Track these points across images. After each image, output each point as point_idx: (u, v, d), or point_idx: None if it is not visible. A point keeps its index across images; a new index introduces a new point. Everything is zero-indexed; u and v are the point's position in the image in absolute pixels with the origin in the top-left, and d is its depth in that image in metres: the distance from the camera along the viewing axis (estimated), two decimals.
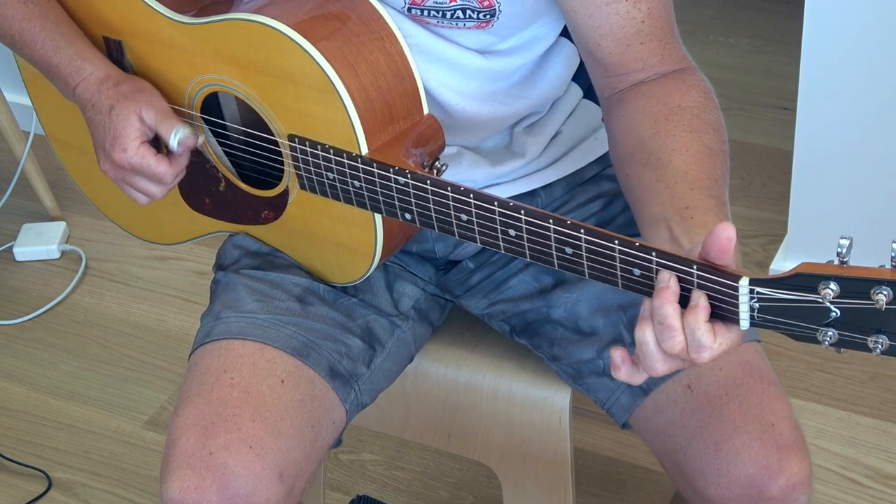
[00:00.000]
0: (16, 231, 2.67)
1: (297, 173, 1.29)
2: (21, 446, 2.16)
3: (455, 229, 1.19)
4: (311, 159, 1.26)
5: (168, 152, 1.34)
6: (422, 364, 1.47)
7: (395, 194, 1.21)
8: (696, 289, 1.02)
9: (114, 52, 1.39)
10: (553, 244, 1.11)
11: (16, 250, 2.62)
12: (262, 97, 1.27)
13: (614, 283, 1.09)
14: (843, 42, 2.03)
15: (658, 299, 1.02)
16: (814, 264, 0.97)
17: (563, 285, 1.38)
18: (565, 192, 1.44)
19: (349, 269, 1.34)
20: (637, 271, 1.06)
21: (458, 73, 1.33)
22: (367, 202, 1.25)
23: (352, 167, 1.23)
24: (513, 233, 1.14)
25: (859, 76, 2.05)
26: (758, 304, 1.00)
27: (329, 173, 1.25)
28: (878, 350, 0.96)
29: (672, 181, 1.15)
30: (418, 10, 1.28)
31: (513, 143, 1.41)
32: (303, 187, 1.30)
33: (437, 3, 1.27)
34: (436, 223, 1.20)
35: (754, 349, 1.28)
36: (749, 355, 1.27)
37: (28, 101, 1.57)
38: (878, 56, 2.02)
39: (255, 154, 1.36)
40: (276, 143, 1.30)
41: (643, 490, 1.97)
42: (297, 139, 1.26)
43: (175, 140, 1.30)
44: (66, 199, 2.76)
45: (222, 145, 1.39)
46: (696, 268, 1.02)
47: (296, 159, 1.28)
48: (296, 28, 1.21)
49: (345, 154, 1.23)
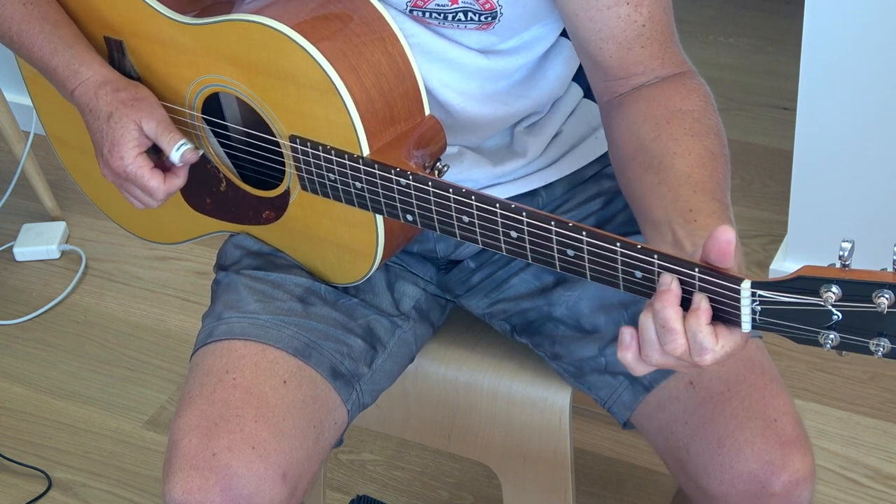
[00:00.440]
0: (16, 231, 2.67)
1: (298, 174, 1.29)
2: (21, 446, 2.16)
3: (457, 231, 1.19)
4: (312, 160, 1.26)
5: (165, 165, 1.34)
6: (422, 364, 1.47)
7: (396, 195, 1.21)
8: (698, 291, 1.02)
9: (115, 52, 1.39)
10: (555, 246, 1.11)
11: (16, 250, 2.62)
12: (264, 98, 1.27)
13: (616, 285, 1.09)
14: (843, 42, 2.03)
15: (659, 302, 1.03)
16: (815, 267, 0.97)
17: (564, 283, 1.38)
18: (566, 190, 1.44)
19: (350, 269, 1.34)
20: (639, 273, 1.06)
21: (460, 73, 1.33)
22: (369, 203, 1.25)
23: (353, 168, 1.23)
24: (514, 235, 1.14)
25: (859, 76, 2.06)
26: (759, 307, 1.00)
27: (330, 174, 1.25)
28: (879, 353, 0.96)
29: (675, 184, 1.15)
30: (420, 12, 1.28)
31: (514, 142, 1.41)
32: (304, 188, 1.30)
33: (438, 6, 1.27)
34: (437, 225, 1.20)
35: (756, 345, 1.29)
36: (751, 351, 1.27)
37: (28, 101, 1.58)
38: (878, 56, 2.02)
39: (256, 155, 1.36)
40: (277, 144, 1.31)
41: (643, 490, 1.97)
42: (298, 140, 1.26)
43: (178, 154, 1.30)
44: (66, 199, 2.76)
45: (223, 146, 1.39)
46: (697, 270, 1.02)
47: (297, 160, 1.28)
48: (297, 29, 1.21)
49: (346, 155, 1.23)
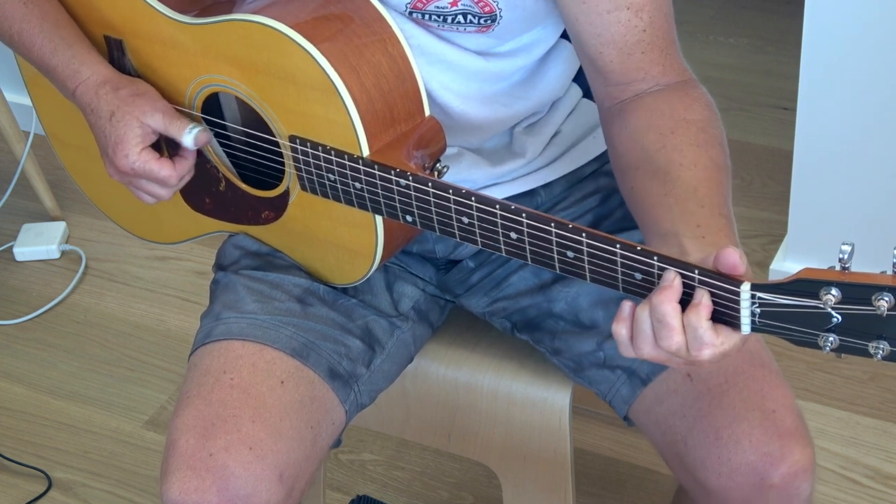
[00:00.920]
0: (16, 231, 2.67)
1: (297, 174, 1.29)
2: (21, 446, 2.16)
3: (456, 232, 1.19)
4: (311, 160, 1.26)
5: (171, 154, 1.34)
6: (422, 364, 1.47)
7: (396, 196, 1.21)
8: (699, 286, 1.02)
9: (115, 51, 1.39)
10: (554, 248, 1.11)
11: (16, 250, 2.62)
12: (264, 98, 1.27)
13: (615, 286, 1.09)
14: (843, 42, 2.03)
15: (658, 296, 1.03)
16: (815, 270, 0.97)
17: (562, 280, 1.38)
18: (564, 189, 1.44)
19: (349, 270, 1.34)
20: (638, 275, 1.06)
21: (459, 75, 1.33)
22: (368, 204, 1.25)
23: (353, 169, 1.23)
24: (514, 236, 1.14)
25: (859, 76, 2.05)
26: (759, 310, 1.00)
27: (330, 175, 1.25)
28: (878, 356, 0.96)
29: (682, 197, 1.15)
30: (420, 14, 1.28)
31: (513, 142, 1.41)
32: (303, 188, 1.30)
33: (438, 8, 1.27)
34: (437, 225, 1.20)
35: (755, 337, 1.28)
36: (749, 343, 1.26)
37: (28, 101, 1.57)
38: (878, 56, 2.02)
39: (255, 154, 1.36)
40: (276, 144, 1.30)
41: (643, 490, 1.97)
42: (298, 140, 1.26)
43: (190, 137, 1.30)
44: (66, 199, 2.76)
45: (223, 146, 1.39)
46: (697, 272, 1.02)
47: (297, 160, 1.28)
48: (297, 29, 1.21)
49: (346, 156, 1.23)
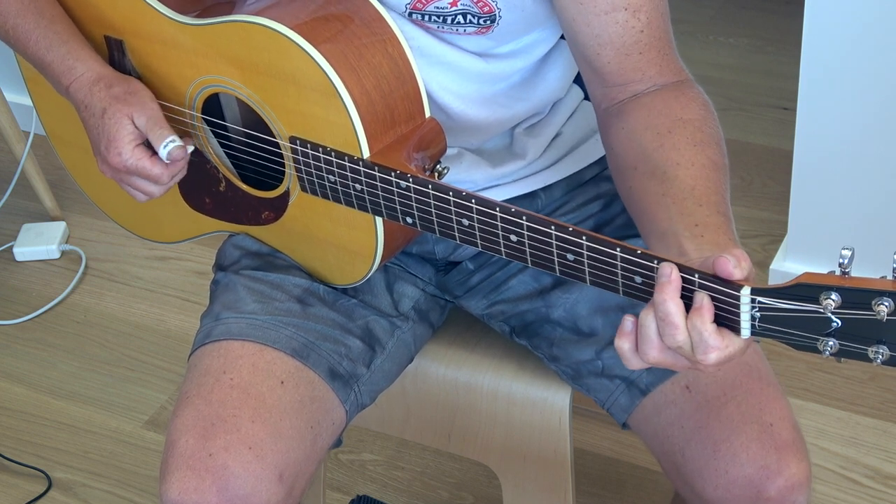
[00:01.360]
0: (16, 231, 2.67)
1: (298, 175, 1.29)
2: (21, 446, 2.16)
3: (456, 234, 1.19)
4: (312, 162, 1.26)
5: None
6: (422, 364, 1.47)
7: (396, 198, 1.21)
8: (699, 290, 1.02)
9: (115, 51, 1.39)
10: (555, 251, 1.11)
11: (16, 250, 2.62)
12: (264, 99, 1.27)
13: (615, 290, 1.09)
14: (843, 42, 2.03)
15: (660, 294, 1.02)
16: (815, 274, 0.97)
17: (562, 286, 1.38)
18: (565, 193, 1.44)
19: (349, 271, 1.34)
20: (638, 279, 1.06)
21: (459, 76, 1.33)
22: (368, 205, 1.24)
23: (353, 170, 1.23)
24: (514, 238, 1.14)
25: (859, 76, 2.05)
26: (759, 314, 1.00)
27: (330, 176, 1.25)
28: (878, 360, 0.96)
29: (679, 196, 1.15)
30: (419, 15, 1.28)
31: (513, 144, 1.41)
32: (304, 189, 1.30)
33: (437, 8, 1.26)
34: (437, 227, 1.20)
35: (753, 349, 1.28)
36: (748, 356, 1.27)
37: (28, 101, 1.58)
38: (878, 56, 2.02)
39: (256, 155, 1.36)
40: (277, 145, 1.30)
41: (643, 490, 1.97)
42: (298, 141, 1.26)
43: (165, 151, 1.29)
44: (66, 199, 2.76)
45: (223, 146, 1.39)
46: (697, 276, 1.02)
47: (297, 161, 1.28)
48: (298, 30, 1.21)
49: (346, 157, 1.23)
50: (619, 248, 1.06)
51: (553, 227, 1.10)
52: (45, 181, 2.70)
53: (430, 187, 1.18)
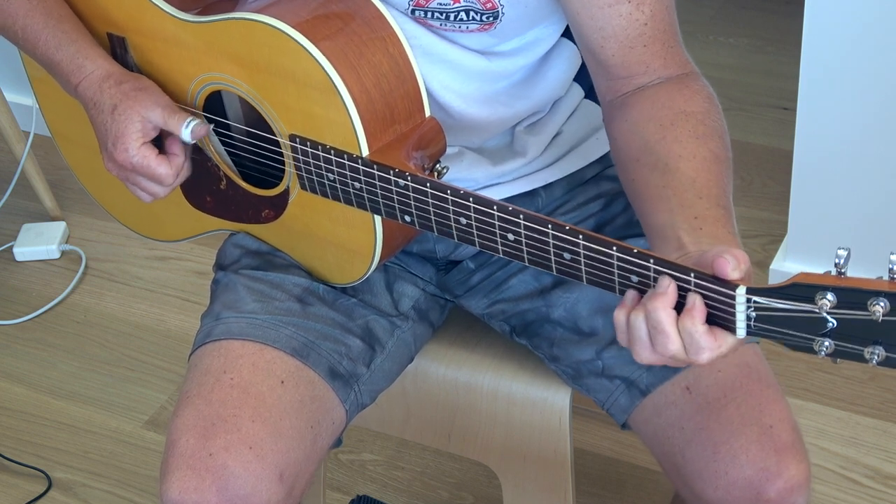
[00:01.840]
0: (16, 231, 2.67)
1: (297, 173, 1.29)
2: (21, 446, 2.16)
3: (454, 232, 1.19)
4: (311, 160, 1.26)
5: (166, 149, 1.34)
6: (422, 364, 1.47)
7: (394, 196, 1.21)
8: (692, 291, 1.02)
9: (117, 48, 1.39)
10: (551, 249, 1.11)
11: (16, 250, 2.62)
12: (264, 96, 1.27)
13: (612, 289, 1.09)
14: (843, 42, 2.03)
15: (652, 303, 1.02)
16: (811, 274, 0.97)
17: (562, 285, 1.38)
18: (565, 191, 1.44)
19: (348, 269, 1.34)
20: (635, 278, 1.06)
21: (460, 74, 1.33)
22: (367, 204, 1.25)
23: (352, 168, 1.23)
24: (511, 237, 1.14)
25: (859, 76, 2.05)
26: (754, 314, 1.00)
27: (329, 174, 1.25)
28: (874, 361, 0.96)
29: (680, 189, 1.15)
30: (422, 12, 1.28)
31: (514, 142, 1.41)
32: (303, 187, 1.30)
33: (440, 4, 1.26)
34: (435, 226, 1.20)
35: (753, 351, 1.28)
36: (748, 357, 1.27)
37: (28, 101, 1.58)
38: (878, 56, 2.02)
39: (256, 153, 1.36)
40: (277, 143, 1.31)
41: (643, 490, 1.97)
42: (298, 139, 1.26)
43: (188, 131, 1.30)
44: (66, 199, 2.76)
45: (224, 144, 1.39)
46: (693, 276, 1.02)
47: (296, 159, 1.28)
48: (298, 28, 1.21)
49: (345, 155, 1.23)
50: (615, 248, 1.06)
51: (550, 226, 1.10)
52: (45, 181, 2.70)
53: (428, 186, 1.18)
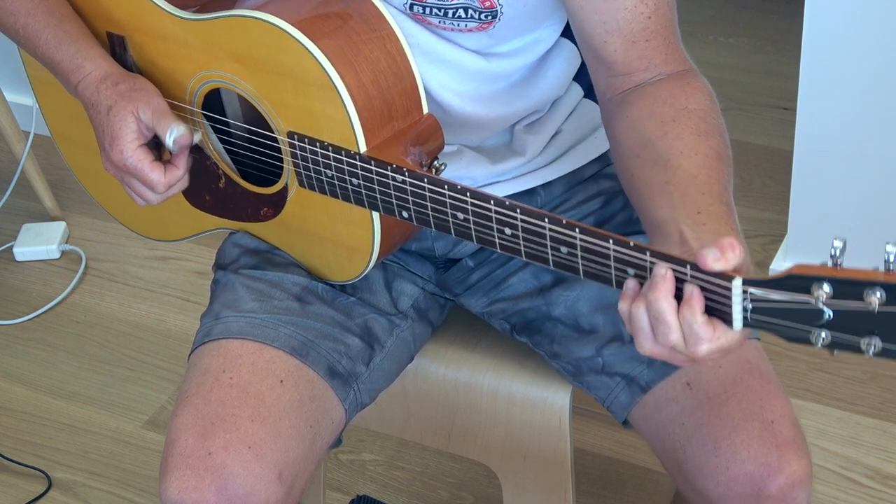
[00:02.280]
0: (16, 231, 2.67)
1: (296, 170, 1.29)
2: (21, 446, 2.16)
3: (451, 228, 1.19)
4: (309, 156, 1.26)
5: (165, 158, 1.34)
6: (422, 364, 1.47)
7: (392, 192, 1.21)
8: (689, 282, 1.02)
9: (117, 47, 1.39)
10: (548, 243, 1.11)
11: (16, 250, 2.62)
12: (263, 94, 1.28)
13: (609, 282, 1.09)
14: (843, 42, 2.03)
15: (653, 293, 1.02)
16: (807, 266, 0.97)
17: (562, 283, 1.38)
18: (565, 190, 1.44)
19: (347, 267, 1.34)
20: (631, 270, 1.06)
21: (458, 74, 1.33)
22: (365, 200, 1.25)
23: (350, 165, 1.23)
24: (509, 231, 1.14)
25: (859, 76, 2.05)
26: (751, 305, 1.00)
27: (328, 170, 1.25)
28: (870, 352, 0.96)
29: (682, 185, 1.15)
30: (420, 8, 1.28)
31: (513, 141, 1.41)
32: (302, 185, 1.30)
33: (438, 1, 1.26)
34: (432, 221, 1.20)
35: (754, 347, 1.28)
36: (748, 353, 1.27)
37: (28, 101, 1.58)
38: (878, 56, 2.02)
39: (255, 151, 1.36)
40: (275, 140, 1.31)
41: (643, 490, 1.97)
42: (296, 136, 1.26)
43: (170, 139, 1.30)
44: (66, 199, 2.76)
45: (223, 142, 1.39)
46: (689, 268, 1.02)
47: (295, 156, 1.28)
48: (296, 25, 1.21)
49: (343, 152, 1.23)
50: (611, 241, 1.06)
51: (546, 220, 1.10)
52: (45, 181, 2.70)
53: (425, 181, 1.18)
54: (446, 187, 1.17)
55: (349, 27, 1.23)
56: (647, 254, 1.05)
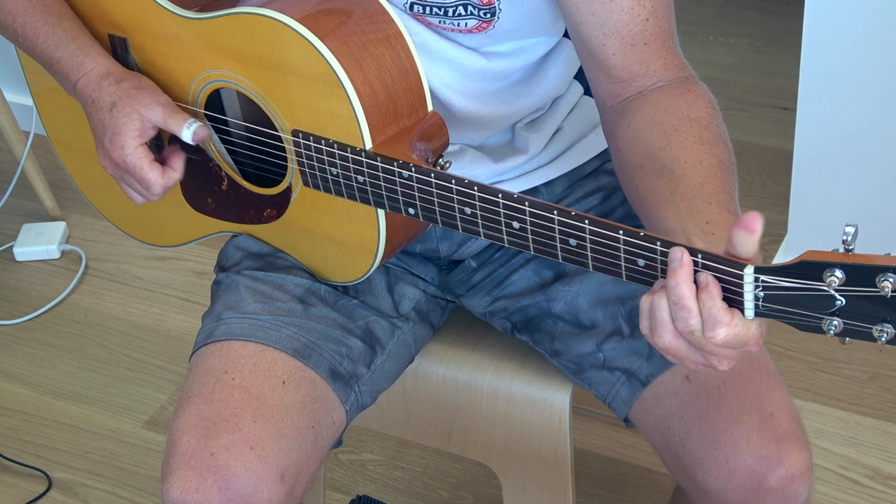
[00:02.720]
0: (16, 231, 2.67)
1: (300, 169, 1.29)
2: (21, 446, 2.16)
3: (459, 223, 1.18)
4: (314, 154, 1.26)
5: (166, 158, 1.34)
6: (422, 364, 1.47)
7: (398, 188, 1.21)
8: (702, 270, 1.02)
9: (118, 49, 1.39)
10: (557, 235, 1.11)
11: (16, 250, 2.62)
12: (267, 92, 1.27)
13: (618, 273, 1.09)
14: (843, 42, 2.03)
15: (673, 279, 1.02)
16: (819, 252, 0.96)
17: (563, 279, 1.38)
18: (566, 187, 1.44)
19: (351, 267, 1.34)
20: (641, 262, 1.06)
21: (459, 72, 1.33)
22: (371, 197, 1.24)
23: (356, 161, 1.23)
24: (517, 225, 1.14)
25: (859, 76, 2.06)
26: (762, 293, 0.99)
27: (333, 168, 1.25)
28: (883, 339, 0.95)
29: (688, 195, 1.14)
30: (420, 8, 1.28)
31: (515, 139, 1.41)
32: (306, 184, 1.30)
33: (438, 0, 1.27)
34: (439, 217, 1.20)
35: None
36: None
37: (28, 101, 1.58)
38: (878, 56, 2.02)
39: (258, 151, 1.36)
40: (279, 140, 1.30)
41: (643, 490, 1.97)
42: (301, 134, 1.26)
43: (190, 132, 1.30)
44: (66, 199, 2.76)
45: (225, 143, 1.39)
46: (700, 256, 1.01)
47: (299, 155, 1.28)
48: (302, 22, 1.21)
49: (349, 149, 1.23)
50: (622, 231, 1.06)
51: (555, 212, 1.10)
52: (45, 181, 2.70)
53: (432, 176, 1.18)
54: (454, 182, 1.16)
55: (354, 24, 1.23)
56: (658, 244, 1.04)
